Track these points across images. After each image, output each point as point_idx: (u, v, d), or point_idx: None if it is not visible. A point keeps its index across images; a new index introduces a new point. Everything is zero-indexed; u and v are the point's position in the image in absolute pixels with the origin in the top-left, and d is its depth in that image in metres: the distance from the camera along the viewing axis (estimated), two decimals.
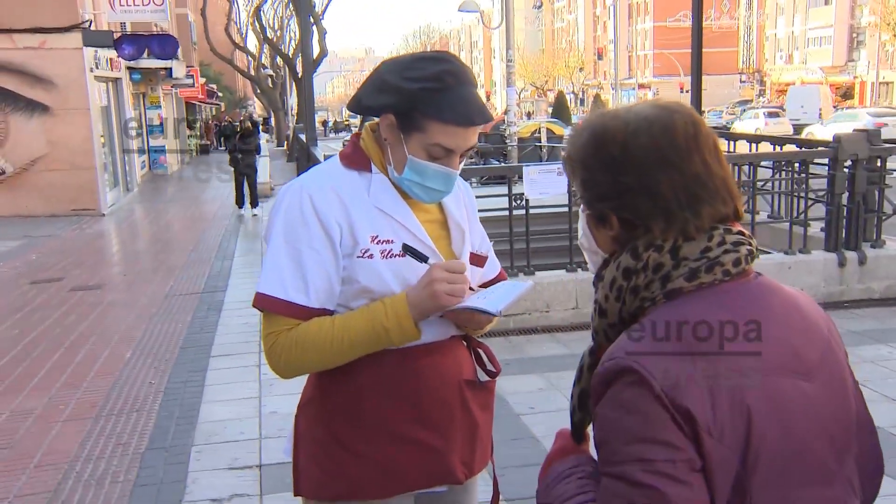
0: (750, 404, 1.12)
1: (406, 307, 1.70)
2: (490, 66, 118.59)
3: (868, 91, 56.44)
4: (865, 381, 4.92)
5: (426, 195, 1.77)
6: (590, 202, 1.29)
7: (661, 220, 1.20)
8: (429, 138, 1.70)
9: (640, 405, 1.11)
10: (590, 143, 1.26)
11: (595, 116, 1.30)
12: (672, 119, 1.22)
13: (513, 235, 6.34)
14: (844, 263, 6.82)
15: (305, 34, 14.89)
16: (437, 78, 1.67)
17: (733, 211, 1.24)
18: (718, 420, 1.10)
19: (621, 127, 1.23)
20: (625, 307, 1.23)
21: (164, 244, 12.82)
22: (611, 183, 1.23)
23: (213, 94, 45.00)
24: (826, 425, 1.20)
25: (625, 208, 1.23)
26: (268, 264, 1.74)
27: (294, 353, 1.72)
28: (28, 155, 15.45)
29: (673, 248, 1.20)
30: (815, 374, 1.20)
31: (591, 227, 1.31)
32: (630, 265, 1.22)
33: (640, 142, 1.21)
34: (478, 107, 1.71)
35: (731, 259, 1.20)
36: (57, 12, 15.14)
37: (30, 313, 7.75)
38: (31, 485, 4.07)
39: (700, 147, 1.22)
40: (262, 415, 4.84)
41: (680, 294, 1.19)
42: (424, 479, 1.84)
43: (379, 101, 1.72)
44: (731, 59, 74.97)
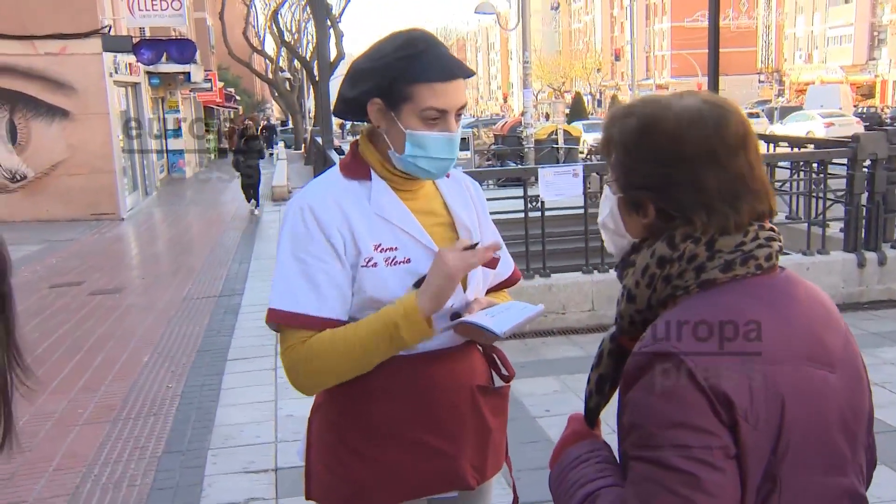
0: (783, 392, 1.14)
1: (415, 301, 1.67)
2: (507, 68, 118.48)
3: (889, 90, 55.88)
4: (885, 383, 4.87)
5: (433, 167, 1.75)
6: (626, 188, 1.28)
7: (703, 213, 1.21)
8: (419, 104, 1.69)
9: (678, 391, 1.12)
10: (638, 129, 1.26)
11: (642, 104, 1.29)
12: (725, 116, 1.23)
13: (528, 237, 6.32)
14: (864, 264, 6.75)
15: (322, 37, 14.93)
16: (407, 44, 1.69)
17: (768, 209, 1.26)
18: (755, 406, 1.12)
19: (673, 119, 1.23)
20: (654, 294, 1.24)
21: (182, 247, 12.90)
22: (656, 173, 1.24)
23: (232, 98, 45.25)
24: (845, 416, 1.21)
25: (667, 200, 1.23)
26: (277, 280, 1.75)
27: (311, 364, 1.70)
28: (48, 160, 15.60)
29: (709, 241, 1.21)
30: (838, 365, 1.22)
31: (622, 212, 1.31)
32: (666, 254, 1.23)
33: (692, 136, 1.21)
34: (456, 61, 1.72)
35: (764, 254, 1.23)
36: (77, 18, 15.29)
37: (49, 317, 7.82)
38: (50, 488, 4.10)
39: (747, 146, 1.23)
40: (279, 418, 4.86)
41: (714, 284, 1.21)
42: (434, 484, 1.83)
43: (359, 90, 1.73)
44: (749, 58, 74.45)
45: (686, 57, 64.21)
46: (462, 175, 1.97)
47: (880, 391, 4.73)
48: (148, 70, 20.34)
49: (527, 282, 6.17)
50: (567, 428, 1.43)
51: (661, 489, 1.11)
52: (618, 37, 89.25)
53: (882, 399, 4.60)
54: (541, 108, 53.73)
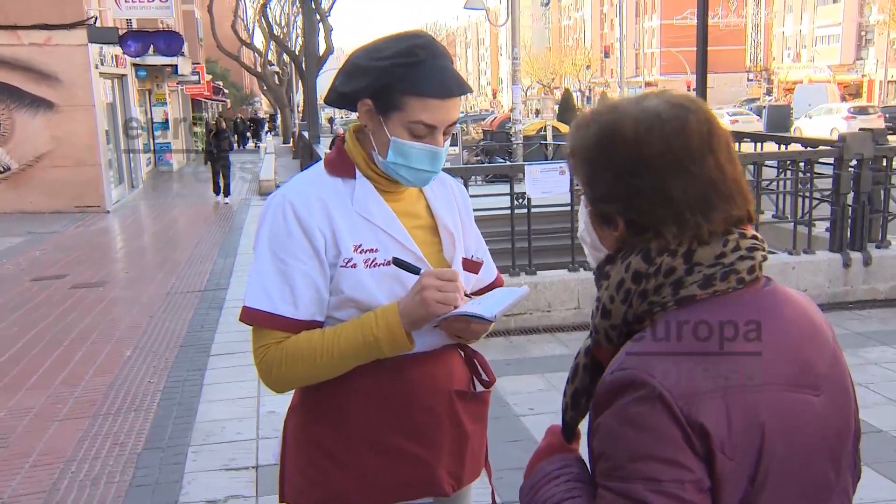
0: (763, 420, 1.08)
1: (397, 317, 1.64)
2: (497, 64, 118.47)
3: (876, 89, 56.20)
4: (869, 384, 4.87)
5: (413, 177, 1.71)
6: (593, 201, 1.22)
7: (672, 224, 1.14)
8: (408, 116, 1.64)
9: (651, 421, 1.06)
10: (597, 139, 1.19)
11: (604, 109, 1.22)
12: (686, 119, 1.15)
13: (514, 234, 6.30)
14: (849, 264, 6.76)
15: (311, 32, 14.90)
16: (408, 52, 1.62)
17: (746, 214, 1.18)
18: (732, 436, 1.06)
19: (632, 125, 1.15)
20: (630, 310, 1.17)
21: (167, 241, 12.82)
22: (618, 184, 1.16)
23: (220, 91, 45.05)
24: (829, 439, 1.17)
25: (633, 211, 1.16)
26: (253, 276, 1.70)
27: (284, 366, 1.67)
28: (33, 151, 15.47)
29: (687, 253, 1.14)
30: (823, 387, 1.16)
31: (594, 225, 1.24)
32: (641, 268, 1.15)
33: (652, 142, 1.14)
34: (455, 78, 1.66)
35: (747, 266, 1.16)
36: (62, 9, 15.15)
37: (31, 310, 7.74)
38: (25, 484, 4.04)
39: (714, 149, 1.15)
40: (260, 415, 4.82)
41: (692, 301, 1.14)
42: (409, 490, 1.80)
43: (353, 86, 1.68)
44: (738, 57, 74.74)
45: (675, 54, 64.40)
46: (447, 177, 1.92)
47: (864, 392, 4.73)
48: (134, 62, 20.20)
49: (513, 279, 6.14)
50: (543, 440, 1.39)
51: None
52: (607, 34, 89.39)
53: (866, 400, 4.60)
54: (530, 105, 53.73)
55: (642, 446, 1.07)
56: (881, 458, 3.89)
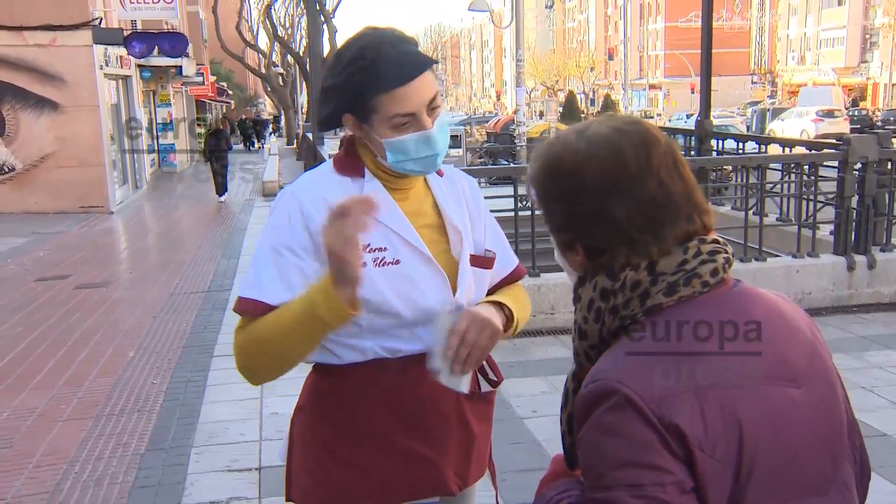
0: (741, 416, 1.10)
1: (327, 280, 1.54)
2: (501, 66, 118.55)
3: (881, 92, 56.13)
4: (873, 387, 4.86)
5: (420, 166, 1.71)
6: (552, 230, 1.28)
7: (623, 246, 1.18)
8: (385, 113, 1.64)
9: (626, 428, 1.08)
10: (544, 173, 1.25)
11: (550, 143, 1.26)
12: (619, 143, 1.19)
13: (518, 236, 6.29)
14: (853, 267, 6.74)
15: (315, 33, 14.92)
16: (358, 57, 1.63)
17: (701, 226, 1.21)
18: (710, 434, 1.08)
19: (571, 156, 1.20)
20: (604, 327, 1.21)
21: (171, 242, 12.83)
22: (566, 213, 1.22)
23: (224, 92, 45.14)
24: (818, 431, 1.18)
25: (584, 237, 1.21)
26: (250, 268, 1.73)
27: (247, 349, 1.66)
28: (37, 152, 15.50)
29: (650, 265, 1.17)
30: (804, 380, 1.18)
31: (562, 252, 1.29)
32: (607, 286, 1.19)
33: (590, 169, 1.18)
34: (410, 59, 1.64)
35: (709, 270, 1.18)
36: (67, 10, 15.18)
37: (34, 311, 7.75)
38: (29, 485, 4.05)
39: (653, 168, 1.18)
40: (263, 416, 4.82)
41: (660, 310, 1.17)
42: (415, 489, 1.80)
43: (329, 109, 1.70)
44: (742, 59, 74.68)
45: (679, 57, 64.40)
46: (458, 173, 1.92)
47: (868, 395, 4.72)
48: (139, 63, 20.24)
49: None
50: (548, 469, 1.40)
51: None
52: (612, 36, 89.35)
53: (870, 403, 4.59)
54: (534, 107, 53.81)
55: (620, 453, 1.08)
56: (886, 461, 3.88)
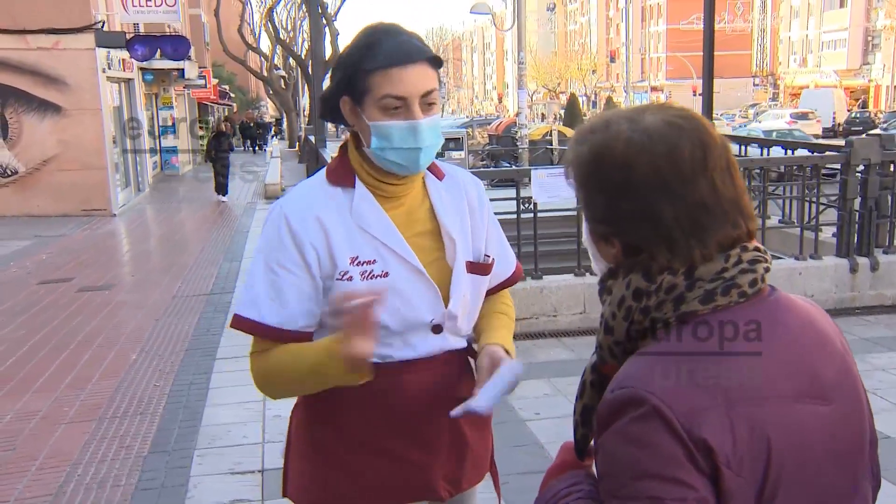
0: (769, 434, 1.06)
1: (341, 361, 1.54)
2: (502, 68, 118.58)
3: (883, 95, 56.09)
4: (876, 390, 4.85)
5: (402, 158, 1.68)
6: (589, 220, 1.23)
7: (664, 248, 1.12)
8: (376, 93, 1.64)
9: (652, 439, 1.04)
10: (589, 160, 1.18)
11: (598, 126, 1.20)
12: (678, 138, 1.12)
13: (521, 239, 6.29)
14: (856, 269, 6.74)
15: (317, 36, 14.93)
16: (364, 36, 1.67)
17: (745, 232, 1.15)
18: (738, 451, 1.04)
19: (622, 147, 1.13)
20: (633, 326, 1.16)
21: (173, 245, 12.84)
22: (608, 207, 1.16)
23: (226, 95, 45.17)
24: (842, 449, 1.15)
25: (624, 234, 1.16)
26: (246, 285, 1.73)
27: (265, 377, 1.73)
28: (40, 155, 15.51)
29: (688, 269, 1.12)
30: (832, 396, 1.14)
31: (594, 241, 1.24)
32: (642, 286, 1.14)
33: (641, 164, 1.11)
34: (414, 45, 1.65)
35: (748, 280, 1.13)
36: (70, 13, 15.21)
37: (37, 314, 7.76)
38: (32, 487, 4.05)
39: (708, 170, 1.12)
40: (266, 418, 4.82)
41: (694, 316, 1.12)
42: (403, 492, 1.80)
43: (330, 89, 1.72)
44: (744, 62, 74.70)
45: (681, 59, 64.35)
46: (466, 177, 1.90)
47: (872, 398, 4.68)
48: (141, 66, 20.27)
49: (519, 284, 6.12)
50: (556, 457, 1.38)
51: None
52: (613, 38, 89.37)
53: (874, 406, 4.53)
54: (536, 109, 53.80)
55: (644, 465, 1.05)
56: (889, 464, 3.86)
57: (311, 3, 14.31)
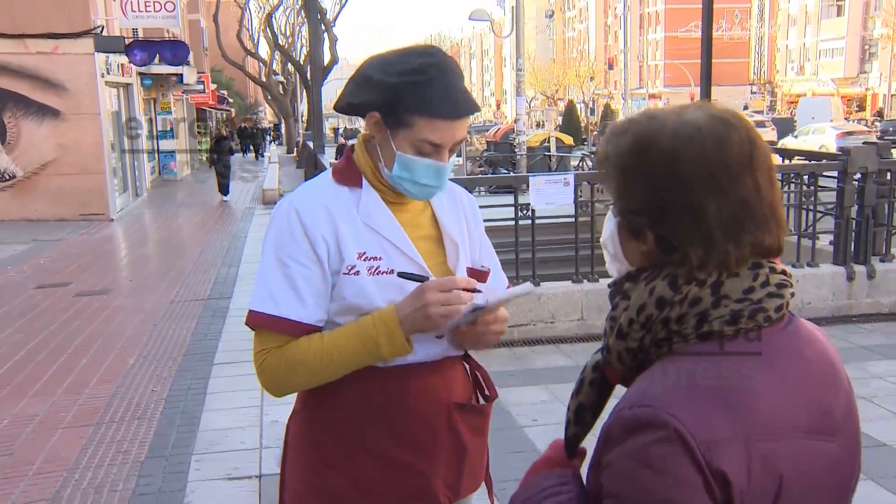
0: (782, 471, 1.04)
1: (396, 322, 1.66)
2: (501, 75, 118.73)
3: (880, 103, 56.23)
4: (873, 397, 4.86)
5: (418, 191, 1.73)
6: (623, 212, 1.17)
7: (699, 246, 1.08)
8: (416, 134, 1.65)
9: (672, 465, 1.01)
10: (633, 149, 1.14)
11: (642, 117, 1.17)
12: (728, 134, 1.09)
13: (518, 245, 6.30)
14: (853, 277, 6.75)
15: (316, 42, 14.95)
16: (420, 70, 1.63)
17: (776, 242, 1.12)
18: (752, 486, 1.02)
19: (670, 136, 1.10)
20: (649, 335, 1.13)
21: (171, 249, 12.84)
22: (650, 197, 1.12)
23: (224, 100, 45.18)
24: (839, 483, 1.14)
25: (663, 227, 1.11)
26: (259, 281, 1.73)
27: (284, 371, 1.70)
28: (38, 159, 15.52)
29: (715, 284, 1.09)
30: (839, 432, 1.13)
31: (622, 237, 1.19)
32: (666, 295, 1.10)
33: (688, 156, 1.08)
34: (464, 98, 1.67)
35: (775, 305, 1.11)
36: (69, 18, 15.23)
37: (35, 318, 7.75)
38: (29, 492, 4.05)
39: (754, 168, 1.10)
40: (264, 424, 4.82)
41: (715, 337, 1.09)
42: (403, 499, 1.81)
43: (363, 99, 1.69)
44: (742, 69, 74.88)
45: (679, 67, 64.48)
46: (457, 188, 1.94)
47: (868, 405, 4.72)
48: (140, 71, 20.27)
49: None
50: (544, 453, 1.35)
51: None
52: (611, 46, 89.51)
53: (870, 413, 4.60)
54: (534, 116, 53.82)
55: (660, 491, 1.02)
56: (886, 472, 3.88)
57: (309, 9, 14.33)
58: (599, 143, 1.25)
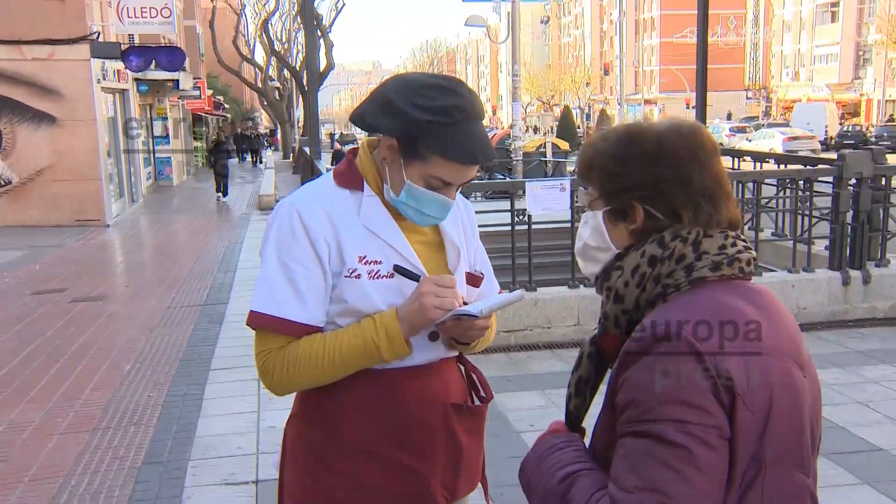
0: (773, 381, 1.20)
1: (396, 323, 1.69)
2: (496, 80, 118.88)
3: (874, 108, 56.40)
4: (869, 402, 4.87)
5: (420, 219, 1.76)
6: (613, 195, 1.35)
7: (689, 210, 1.30)
8: (429, 170, 1.68)
9: (682, 369, 1.17)
10: (622, 140, 1.35)
11: (623, 124, 1.39)
12: (699, 127, 1.35)
13: (515, 251, 6.32)
14: (848, 282, 6.77)
15: (312, 48, 14.97)
16: (445, 112, 1.63)
17: (736, 217, 1.35)
18: (752, 390, 1.17)
19: (654, 129, 1.34)
20: (644, 294, 1.30)
21: (167, 255, 12.82)
22: (645, 173, 1.31)
23: (220, 106, 45.15)
24: (812, 418, 1.27)
25: (656, 198, 1.31)
26: (261, 282, 1.74)
27: (286, 370, 1.71)
28: (34, 165, 15.50)
29: (695, 242, 1.29)
30: (808, 369, 1.29)
31: (609, 224, 1.36)
32: (657, 253, 1.29)
33: (671, 139, 1.32)
34: (482, 145, 1.68)
35: (746, 258, 1.32)
36: (65, 24, 15.22)
37: (30, 324, 7.74)
38: (25, 498, 4.04)
39: (717, 156, 1.34)
40: (260, 429, 4.81)
41: (704, 283, 1.28)
42: (402, 500, 1.82)
43: (383, 123, 1.68)
44: (737, 75, 75.07)
45: (674, 72, 64.61)
46: (457, 195, 1.95)
47: (864, 410, 4.74)
48: (136, 77, 20.27)
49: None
50: (548, 428, 1.48)
51: (654, 461, 1.15)
52: (607, 51, 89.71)
53: (866, 418, 4.61)
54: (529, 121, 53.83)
55: (671, 391, 1.16)
56: (882, 477, 3.89)
57: (306, 16, 14.34)
58: (578, 155, 1.46)
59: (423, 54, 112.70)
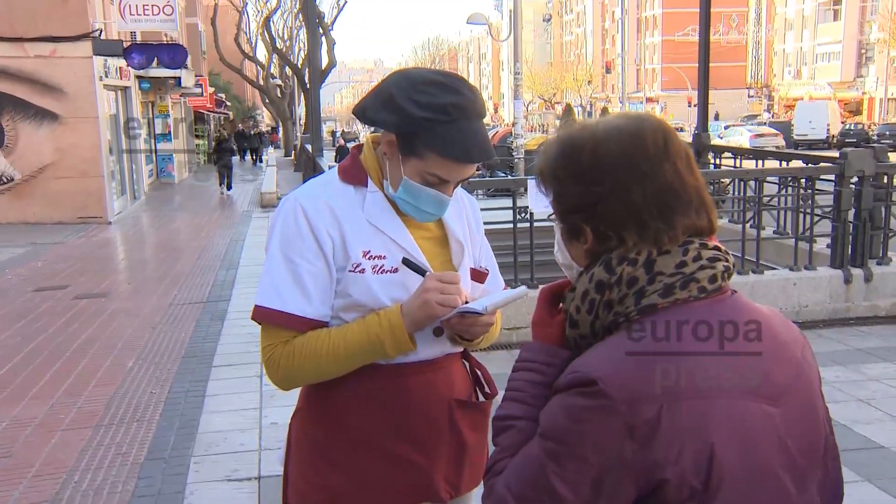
0: (714, 436, 1.10)
1: (400, 318, 1.70)
2: (498, 78, 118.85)
3: (876, 107, 56.35)
4: (870, 400, 4.88)
5: (418, 215, 1.77)
6: (562, 215, 1.27)
7: (633, 230, 1.18)
8: (426, 167, 1.68)
9: (590, 416, 1.11)
10: (559, 154, 1.25)
11: (564, 129, 1.28)
12: (641, 127, 1.21)
13: (517, 248, 6.32)
14: (850, 280, 6.77)
15: (314, 45, 14.97)
16: (444, 110, 1.64)
17: (708, 223, 1.22)
18: (682, 439, 1.09)
19: (589, 136, 1.22)
20: (597, 321, 1.21)
21: (169, 252, 12.83)
22: (582, 193, 1.21)
23: (222, 104, 45.15)
24: (789, 451, 1.17)
25: (597, 218, 1.20)
26: (265, 277, 1.75)
27: (291, 364, 1.72)
28: (36, 162, 15.51)
29: (647, 262, 1.17)
30: (783, 399, 1.17)
31: (566, 241, 1.29)
32: (603, 278, 1.19)
33: (609, 149, 1.20)
34: (479, 144, 1.68)
35: (707, 276, 1.18)
36: (67, 21, 15.22)
37: (33, 321, 7.75)
38: (28, 494, 4.05)
39: (671, 155, 1.20)
40: (263, 426, 4.83)
41: (655, 310, 1.16)
42: (406, 495, 1.83)
43: (383, 118, 1.69)
44: (739, 73, 75.03)
45: (676, 70, 64.63)
46: (461, 192, 1.96)
47: (865, 408, 4.74)
48: (138, 74, 20.28)
49: None
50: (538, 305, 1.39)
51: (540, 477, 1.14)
52: (609, 49, 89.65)
53: (868, 416, 4.61)
54: (531, 119, 53.90)
55: (574, 434, 1.13)
56: (884, 473, 3.90)
57: (307, 13, 14.35)
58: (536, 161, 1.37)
59: (425, 52, 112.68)
